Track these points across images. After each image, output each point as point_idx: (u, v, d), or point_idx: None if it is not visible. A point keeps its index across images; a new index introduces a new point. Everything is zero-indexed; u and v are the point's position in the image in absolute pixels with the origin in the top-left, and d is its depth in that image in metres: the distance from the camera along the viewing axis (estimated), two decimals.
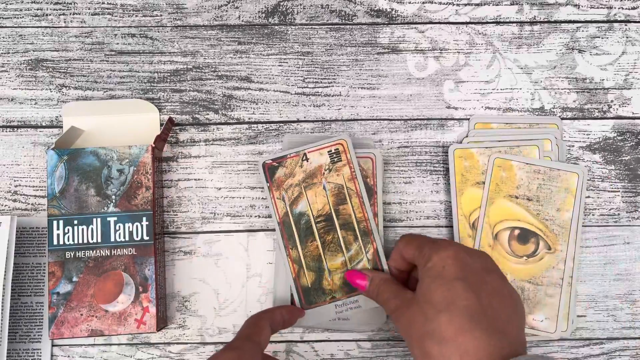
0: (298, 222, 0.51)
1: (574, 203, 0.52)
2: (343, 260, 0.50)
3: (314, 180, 0.51)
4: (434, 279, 0.40)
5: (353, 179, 0.50)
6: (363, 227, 0.50)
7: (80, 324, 0.48)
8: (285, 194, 0.51)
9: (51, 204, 0.50)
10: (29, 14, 0.56)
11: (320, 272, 0.50)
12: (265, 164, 0.51)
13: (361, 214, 0.50)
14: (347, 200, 0.50)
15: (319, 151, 0.51)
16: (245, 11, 0.56)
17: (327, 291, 0.50)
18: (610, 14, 0.56)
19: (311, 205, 0.51)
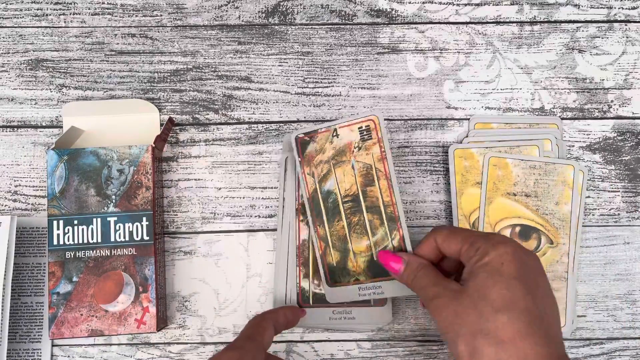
0: (326, 200, 0.49)
1: (572, 196, 0.52)
2: (368, 244, 0.49)
3: (343, 158, 0.49)
4: (491, 275, 0.38)
5: (383, 160, 0.49)
6: (390, 212, 0.48)
7: (80, 324, 0.48)
8: (315, 170, 0.50)
9: (51, 204, 0.50)
10: (29, 14, 0.56)
11: (345, 252, 0.49)
12: (298, 138, 0.50)
13: (388, 198, 0.48)
14: (375, 182, 0.49)
15: (350, 127, 0.49)
16: (245, 11, 0.56)
17: (352, 272, 0.49)
18: (610, 14, 0.56)
19: (339, 184, 0.49)
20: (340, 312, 0.50)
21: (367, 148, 0.49)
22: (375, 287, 0.48)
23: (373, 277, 0.48)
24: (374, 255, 0.48)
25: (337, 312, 0.50)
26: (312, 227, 0.50)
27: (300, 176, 0.50)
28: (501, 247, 0.39)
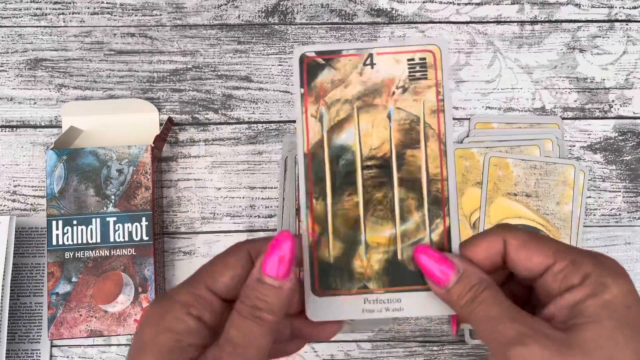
0: (335, 161, 0.33)
1: (573, 196, 0.52)
2: (392, 233, 0.33)
3: (375, 101, 0.33)
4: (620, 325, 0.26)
5: (438, 113, 0.33)
6: (436, 191, 0.33)
7: (80, 325, 0.48)
8: (327, 111, 0.33)
9: (50, 204, 0.49)
10: (28, 14, 0.56)
11: (353, 244, 0.33)
12: (305, 58, 0.33)
13: (437, 170, 0.33)
14: (422, 143, 0.33)
15: (396, 55, 0.33)
16: (245, 10, 0.56)
17: (357, 275, 0.33)
18: (611, 13, 0.56)
19: (362, 138, 0.33)
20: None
21: (416, 92, 0.33)
22: (392, 301, 0.33)
23: (390, 284, 0.33)
24: (398, 252, 0.33)
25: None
26: (305, 199, 0.33)
27: (299, 117, 0.33)
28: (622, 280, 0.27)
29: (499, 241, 0.30)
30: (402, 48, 0.33)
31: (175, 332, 0.27)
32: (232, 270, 0.29)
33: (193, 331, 0.27)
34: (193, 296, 0.28)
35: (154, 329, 0.27)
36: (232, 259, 0.29)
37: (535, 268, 0.29)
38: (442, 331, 0.53)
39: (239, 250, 0.30)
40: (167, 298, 0.28)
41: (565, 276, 0.27)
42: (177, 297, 0.28)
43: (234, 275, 0.29)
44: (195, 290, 0.28)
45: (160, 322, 0.27)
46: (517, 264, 0.29)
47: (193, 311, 0.28)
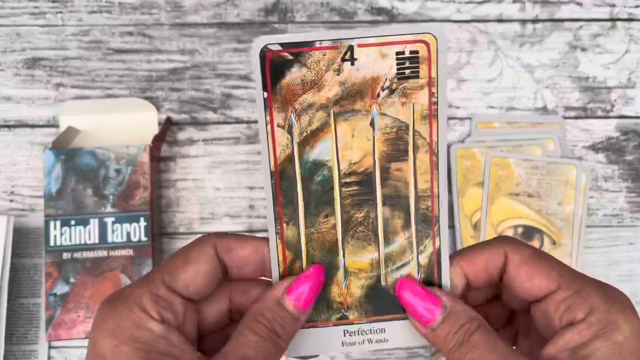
0: (309, 178, 0.29)
1: (575, 196, 0.52)
2: (374, 258, 0.29)
3: (356, 105, 0.28)
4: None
5: (430, 118, 0.28)
6: (425, 209, 0.29)
7: (78, 326, 0.48)
8: (297, 119, 0.28)
9: (48, 204, 0.49)
10: (26, 12, 0.55)
11: (330, 270, 0.29)
12: (268, 52, 0.26)
13: (427, 185, 0.29)
14: (410, 154, 0.28)
15: (382, 48, 0.27)
16: (245, 9, 0.55)
17: (336, 305, 0.30)
18: (613, 12, 0.56)
19: (340, 151, 0.28)
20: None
21: (406, 93, 0.27)
22: (375, 332, 0.30)
23: (373, 313, 0.30)
24: (381, 278, 0.29)
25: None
26: (272, 224, 0.29)
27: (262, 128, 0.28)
28: (633, 317, 0.24)
29: (500, 254, 0.27)
30: (390, 38, 0.27)
31: (141, 342, 0.24)
32: (194, 266, 0.26)
33: (160, 336, 0.24)
34: (151, 296, 0.25)
35: (113, 339, 0.24)
36: (195, 253, 0.26)
37: (535, 291, 0.26)
38: None
39: (202, 243, 0.27)
40: (122, 300, 0.25)
41: (568, 307, 0.24)
42: (134, 298, 0.24)
43: (196, 271, 0.26)
44: (152, 289, 0.25)
45: (119, 331, 0.24)
46: (515, 282, 0.26)
47: (154, 314, 0.24)
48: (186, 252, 0.27)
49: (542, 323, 0.26)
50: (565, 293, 0.25)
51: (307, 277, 0.27)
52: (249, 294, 0.28)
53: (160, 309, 0.25)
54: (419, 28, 0.26)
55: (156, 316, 0.24)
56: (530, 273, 0.26)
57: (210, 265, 0.26)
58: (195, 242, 0.27)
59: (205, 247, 0.27)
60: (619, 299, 0.25)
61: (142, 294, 0.25)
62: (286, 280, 0.27)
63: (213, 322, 0.28)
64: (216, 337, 0.29)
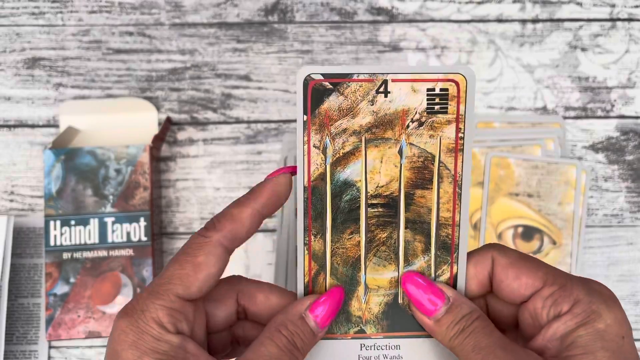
0: (338, 196, 0.31)
1: (575, 196, 0.52)
2: (394, 277, 0.31)
3: (387, 134, 0.30)
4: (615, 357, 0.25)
5: (456, 152, 0.30)
6: (446, 236, 0.31)
7: (78, 326, 0.48)
8: (332, 142, 0.30)
9: (48, 204, 0.49)
10: (25, 12, 0.55)
11: (351, 285, 0.31)
12: (311, 81, 0.29)
13: (449, 214, 0.31)
14: (435, 184, 0.31)
15: (414, 84, 0.29)
16: (245, 9, 0.55)
17: (355, 319, 0.31)
18: (613, 12, 0.56)
19: (369, 174, 0.31)
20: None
21: (434, 126, 0.30)
22: (390, 348, 0.31)
23: (389, 329, 0.31)
24: (399, 296, 0.31)
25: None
26: (303, 235, 0.31)
27: (300, 147, 0.30)
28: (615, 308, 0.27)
29: (488, 259, 0.29)
30: (422, 76, 0.29)
31: (161, 353, 0.25)
32: (204, 272, 0.27)
33: (178, 346, 0.26)
34: (167, 311, 0.26)
35: (135, 351, 0.25)
36: (202, 257, 0.27)
37: (522, 289, 0.27)
38: None
39: (207, 245, 0.27)
40: (138, 314, 0.26)
41: (554, 301, 0.26)
42: (150, 313, 0.26)
43: (207, 275, 0.27)
44: (167, 304, 0.26)
45: (140, 343, 0.25)
46: (503, 284, 0.28)
47: (171, 328, 0.26)
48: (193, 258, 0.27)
49: (529, 323, 0.27)
50: (551, 289, 0.26)
51: (330, 296, 0.29)
52: (254, 298, 0.29)
53: (176, 322, 0.26)
54: (450, 68, 0.29)
55: (172, 329, 0.26)
56: (517, 273, 0.27)
57: (219, 265, 0.27)
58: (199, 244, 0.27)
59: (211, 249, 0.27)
60: (601, 292, 0.27)
61: (157, 309, 0.26)
62: (310, 298, 0.28)
63: (221, 323, 0.29)
64: (224, 334, 0.30)
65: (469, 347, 0.26)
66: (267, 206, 0.29)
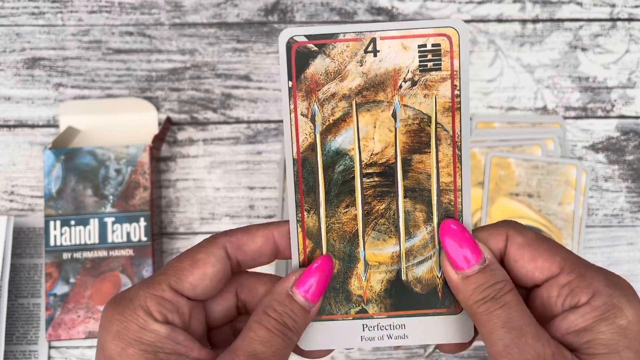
0: (331, 167, 0.29)
1: (575, 196, 0.52)
2: (396, 251, 0.29)
3: (378, 96, 0.28)
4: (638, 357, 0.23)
5: (453, 111, 0.28)
6: (448, 203, 0.28)
7: (78, 326, 0.48)
8: (320, 108, 0.28)
9: (48, 204, 0.49)
10: (25, 12, 0.55)
11: (350, 262, 0.29)
12: (294, 43, 0.27)
13: (450, 178, 0.28)
14: (433, 147, 0.28)
15: (404, 40, 0.27)
16: (244, 9, 0.55)
17: (355, 298, 0.29)
18: (613, 12, 0.56)
19: (362, 141, 0.28)
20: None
21: (428, 85, 0.28)
22: (395, 328, 0.29)
23: (393, 308, 0.29)
24: (402, 273, 0.29)
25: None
26: (294, 210, 0.29)
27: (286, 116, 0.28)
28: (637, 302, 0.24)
29: (502, 236, 0.27)
30: (412, 32, 0.27)
31: (146, 344, 0.24)
32: (201, 269, 0.26)
33: (166, 337, 0.25)
34: (156, 299, 0.25)
35: (119, 341, 0.24)
36: (202, 255, 0.26)
37: (538, 273, 0.25)
38: None
39: (211, 245, 0.27)
40: (126, 302, 0.25)
41: (571, 291, 0.24)
42: (138, 301, 0.25)
43: (204, 273, 0.26)
44: (157, 292, 0.25)
45: (124, 333, 0.24)
46: (518, 264, 0.26)
47: (158, 317, 0.25)
48: (193, 254, 0.26)
49: (540, 310, 0.26)
50: (569, 277, 0.25)
51: (317, 268, 0.27)
52: (255, 291, 0.28)
53: (165, 311, 0.25)
54: (441, 22, 0.27)
55: (160, 318, 0.25)
56: (534, 254, 0.25)
57: (217, 267, 0.26)
58: (203, 243, 0.27)
59: (213, 249, 0.26)
60: (622, 284, 0.25)
61: (146, 297, 0.25)
62: (295, 273, 0.27)
63: (220, 318, 0.28)
64: (225, 329, 0.29)
65: (498, 321, 0.24)
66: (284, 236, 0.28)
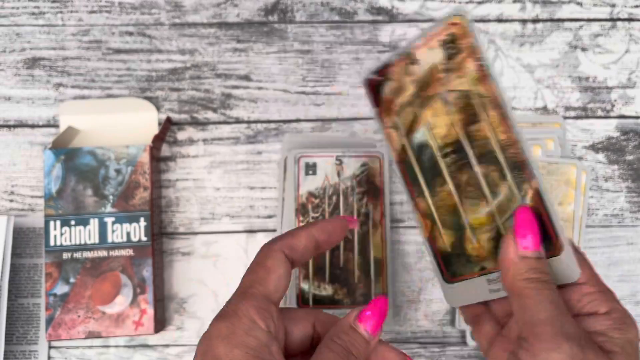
0: (420, 158, 0.36)
1: (575, 196, 0.52)
2: (490, 211, 0.33)
3: (429, 92, 0.34)
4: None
5: (483, 79, 0.32)
6: (512, 157, 0.32)
7: (78, 326, 0.48)
8: (399, 119, 0.36)
9: (48, 204, 0.49)
10: (25, 12, 0.55)
11: (459, 230, 0.34)
12: (371, 82, 0.37)
13: (505, 135, 0.32)
14: (481, 114, 0.33)
15: (428, 45, 0.34)
16: (245, 9, 0.55)
17: (474, 258, 0.34)
18: (613, 12, 0.56)
19: (433, 130, 0.35)
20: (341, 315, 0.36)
21: (457, 67, 0.33)
22: None
23: None
24: (500, 229, 0.33)
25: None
26: (411, 201, 0.36)
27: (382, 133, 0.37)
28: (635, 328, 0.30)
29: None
30: (431, 33, 0.34)
31: (251, 348, 0.28)
32: (274, 274, 0.31)
33: (265, 344, 0.29)
34: (256, 309, 0.29)
35: (227, 345, 0.28)
36: (270, 261, 0.31)
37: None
38: (443, 332, 0.52)
39: (272, 251, 0.32)
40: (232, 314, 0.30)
41: (592, 300, 0.30)
42: (242, 312, 0.29)
43: (277, 277, 0.31)
44: (256, 303, 0.30)
45: (232, 338, 0.28)
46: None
47: (261, 324, 0.29)
48: (263, 262, 0.32)
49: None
50: (592, 289, 0.30)
51: (375, 307, 0.32)
52: (328, 325, 0.33)
53: (265, 318, 0.29)
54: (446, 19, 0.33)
55: (263, 325, 0.29)
56: None
57: (284, 267, 0.32)
58: (265, 252, 0.32)
59: (276, 254, 0.32)
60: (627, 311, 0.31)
61: (248, 308, 0.30)
62: (355, 310, 0.32)
63: (297, 343, 0.32)
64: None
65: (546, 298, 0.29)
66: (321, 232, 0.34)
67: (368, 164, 0.48)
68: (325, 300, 0.49)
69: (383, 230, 0.46)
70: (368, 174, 0.48)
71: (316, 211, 0.48)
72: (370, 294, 0.46)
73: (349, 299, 0.47)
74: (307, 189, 0.49)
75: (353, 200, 0.46)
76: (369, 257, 0.45)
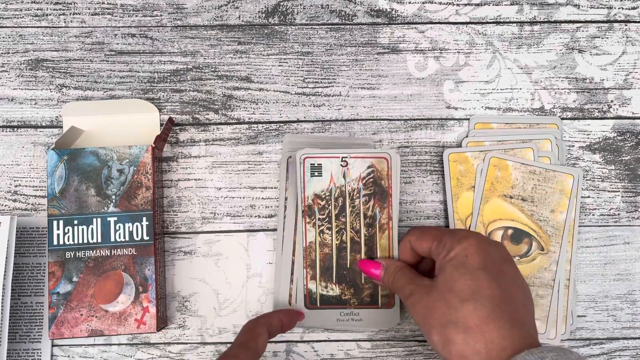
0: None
1: (568, 204, 0.52)
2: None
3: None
4: (457, 268, 0.41)
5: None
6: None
7: (80, 324, 0.48)
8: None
9: (51, 204, 0.50)
10: (29, 14, 0.56)
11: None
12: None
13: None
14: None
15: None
16: (245, 11, 0.56)
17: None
18: (610, 14, 0.56)
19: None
20: (348, 314, 0.50)
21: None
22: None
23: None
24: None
25: (344, 314, 0.50)
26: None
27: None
28: (465, 241, 0.42)
29: (407, 241, 0.48)
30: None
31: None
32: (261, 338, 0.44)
33: None
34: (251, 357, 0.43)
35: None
36: (258, 330, 0.45)
37: (425, 250, 0.46)
38: None
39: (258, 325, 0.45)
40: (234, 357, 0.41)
41: (437, 250, 0.44)
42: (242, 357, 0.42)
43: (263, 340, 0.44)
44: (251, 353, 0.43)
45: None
46: (418, 251, 0.47)
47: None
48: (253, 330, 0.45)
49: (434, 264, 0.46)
50: (435, 244, 0.44)
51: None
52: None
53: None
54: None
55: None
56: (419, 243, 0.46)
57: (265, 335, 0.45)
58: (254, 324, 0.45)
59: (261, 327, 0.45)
60: (459, 234, 0.43)
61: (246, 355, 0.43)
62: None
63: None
64: None
65: (396, 287, 0.46)
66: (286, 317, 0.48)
67: (374, 165, 0.50)
68: (332, 300, 0.50)
69: (390, 233, 0.49)
70: (375, 175, 0.50)
71: (322, 213, 0.50)
72: (377, 295, 0.50)
73: (355, 299, 0.50)
74: (312, 191, 0.50)
75: (359, 203, 0.50)
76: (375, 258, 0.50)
